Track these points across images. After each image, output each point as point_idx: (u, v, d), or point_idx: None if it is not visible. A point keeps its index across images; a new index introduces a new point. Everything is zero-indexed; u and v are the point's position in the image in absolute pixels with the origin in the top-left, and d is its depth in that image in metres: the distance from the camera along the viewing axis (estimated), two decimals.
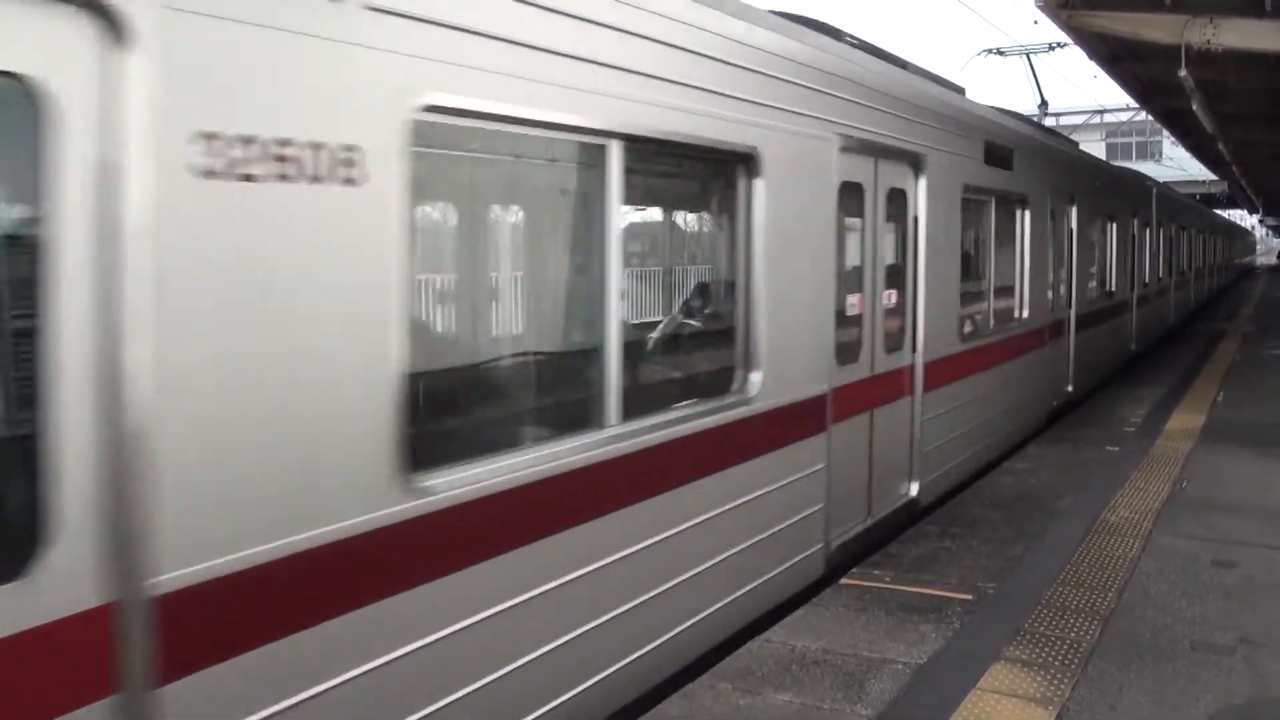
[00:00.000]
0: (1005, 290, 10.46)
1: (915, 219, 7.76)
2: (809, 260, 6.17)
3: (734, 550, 5.48)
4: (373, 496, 3.36)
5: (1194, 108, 17.28)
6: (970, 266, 9.50)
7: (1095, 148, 25.17)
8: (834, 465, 6.49)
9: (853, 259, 6.98)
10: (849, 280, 6.86)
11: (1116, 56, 17.29)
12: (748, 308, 5.63)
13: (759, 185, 5.56)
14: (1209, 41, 13.10)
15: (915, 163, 7.55)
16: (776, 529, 5.88)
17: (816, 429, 6.30)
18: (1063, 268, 12.35)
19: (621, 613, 4.61)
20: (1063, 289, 12.48)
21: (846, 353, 6.74)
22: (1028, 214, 10.71)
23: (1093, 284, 14.62)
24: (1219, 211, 52.14)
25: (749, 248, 5.60)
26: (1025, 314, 10.86)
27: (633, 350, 5.02)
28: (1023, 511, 8.03)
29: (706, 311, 6.67)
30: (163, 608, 2.81)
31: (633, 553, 4.64)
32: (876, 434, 7.20)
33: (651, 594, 4.81)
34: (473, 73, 3.69)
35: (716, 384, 5.65)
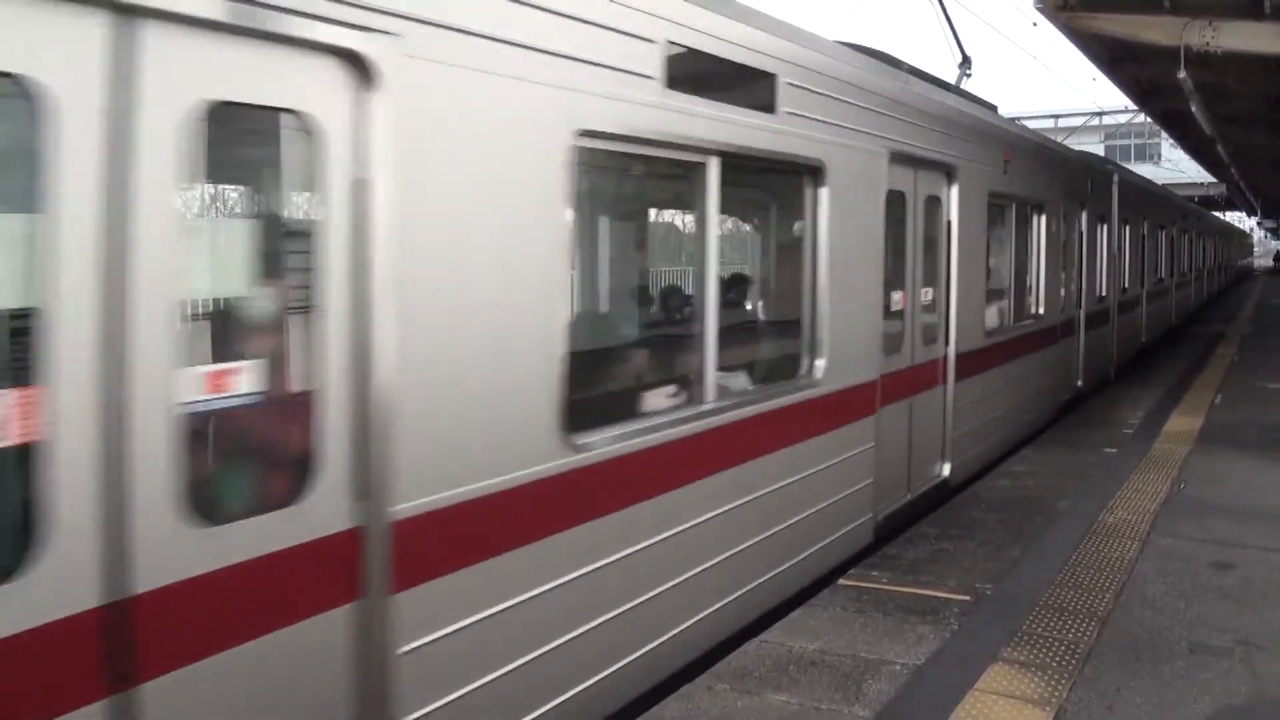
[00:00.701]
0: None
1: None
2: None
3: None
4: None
5: (1193, 110, 17.29)
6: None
7: (1094, 150, 24.86)
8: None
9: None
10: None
11: (1115, 58, 17.29)
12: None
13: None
14: (1208, 43, 13.11)
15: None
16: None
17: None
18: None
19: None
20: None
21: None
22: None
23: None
24: (1217, 214, 52.21)
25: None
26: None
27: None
28: (1021, 513, 8.03)
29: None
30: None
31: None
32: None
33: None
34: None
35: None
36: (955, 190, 8.46)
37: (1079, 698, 4.81)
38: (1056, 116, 49.17)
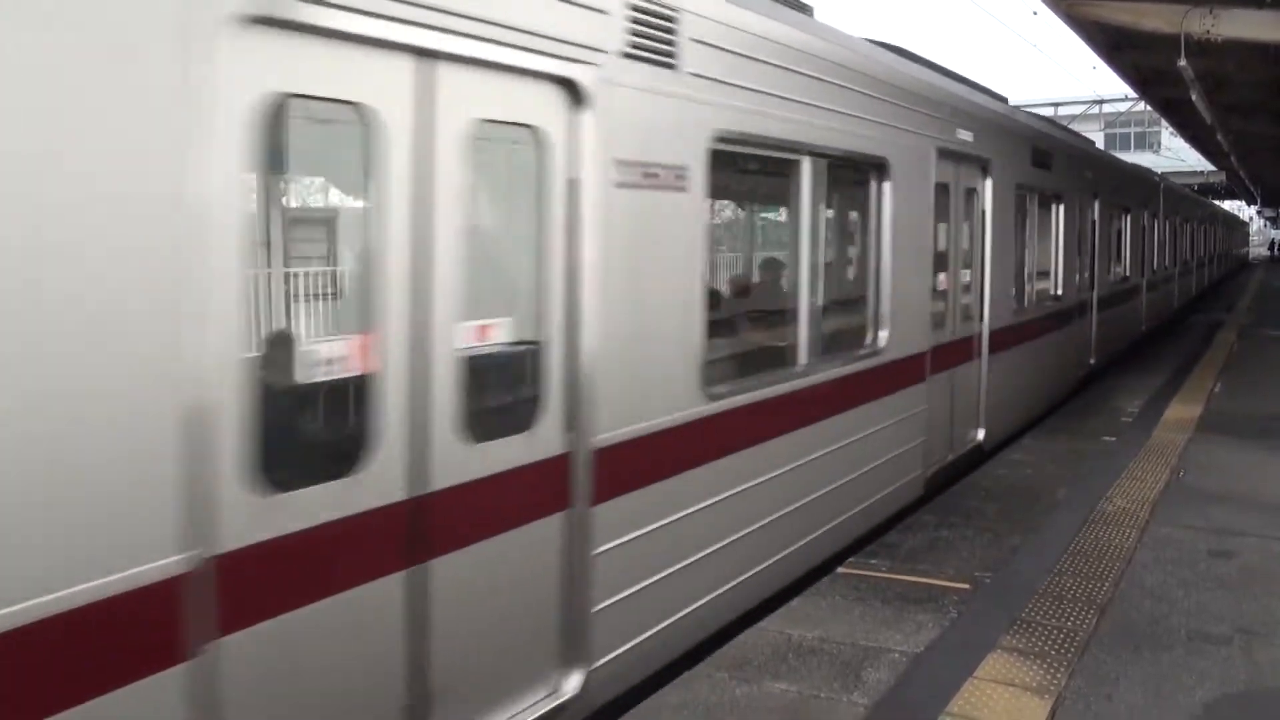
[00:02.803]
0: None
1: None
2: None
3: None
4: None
5: (1193, 98, 17.27)
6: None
7: (1093, 138, 24.68)
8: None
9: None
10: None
11: (1116, 46, 17.26)
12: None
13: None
14: (1208, 31, 13.08)
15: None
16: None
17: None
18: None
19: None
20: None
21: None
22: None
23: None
24: (1216, 203, 52.08)
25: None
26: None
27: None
28: (1020, 502, 8.04)
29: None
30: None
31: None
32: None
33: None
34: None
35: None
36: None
37: (1078, 686, 4.81)
38: (1056, 105, 49.06)
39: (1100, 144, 25.41)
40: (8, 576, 2.48)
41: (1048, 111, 42.36)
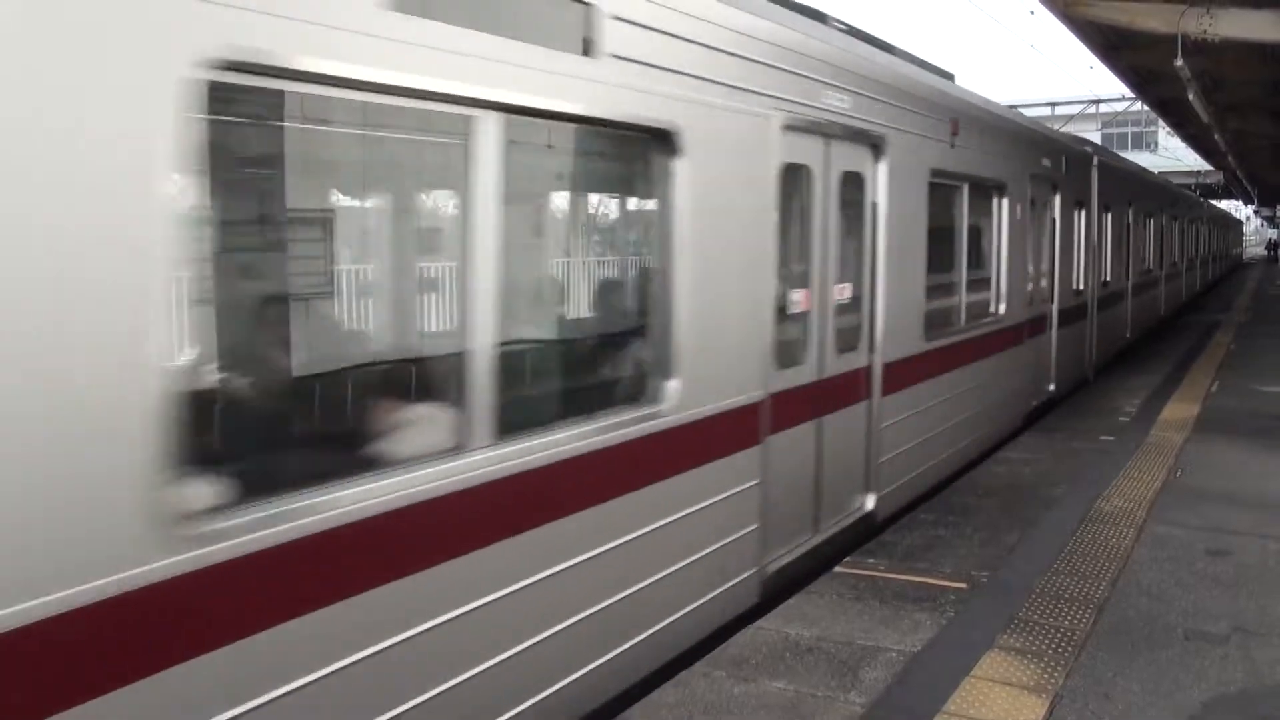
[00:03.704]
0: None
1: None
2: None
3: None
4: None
5: (1190, 98, 17.29)
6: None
7: (1090, 137, 24.49)
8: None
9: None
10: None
11: (1112, 46, 17.29)
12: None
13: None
14: (1205, 31, 13.10)
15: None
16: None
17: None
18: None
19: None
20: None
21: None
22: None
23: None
24: (1213, 202, 51.94)
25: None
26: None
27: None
28: (1017, 501, 8.04)
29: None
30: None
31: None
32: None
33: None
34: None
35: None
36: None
37: (1075, 685, 4.81)
38: (1054, 104, 49.09)
39: (1097, 142, 25.12)
40: None
41: (1045, 111, 42.40)
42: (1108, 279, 16.24)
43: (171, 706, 2.89)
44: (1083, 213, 14.11)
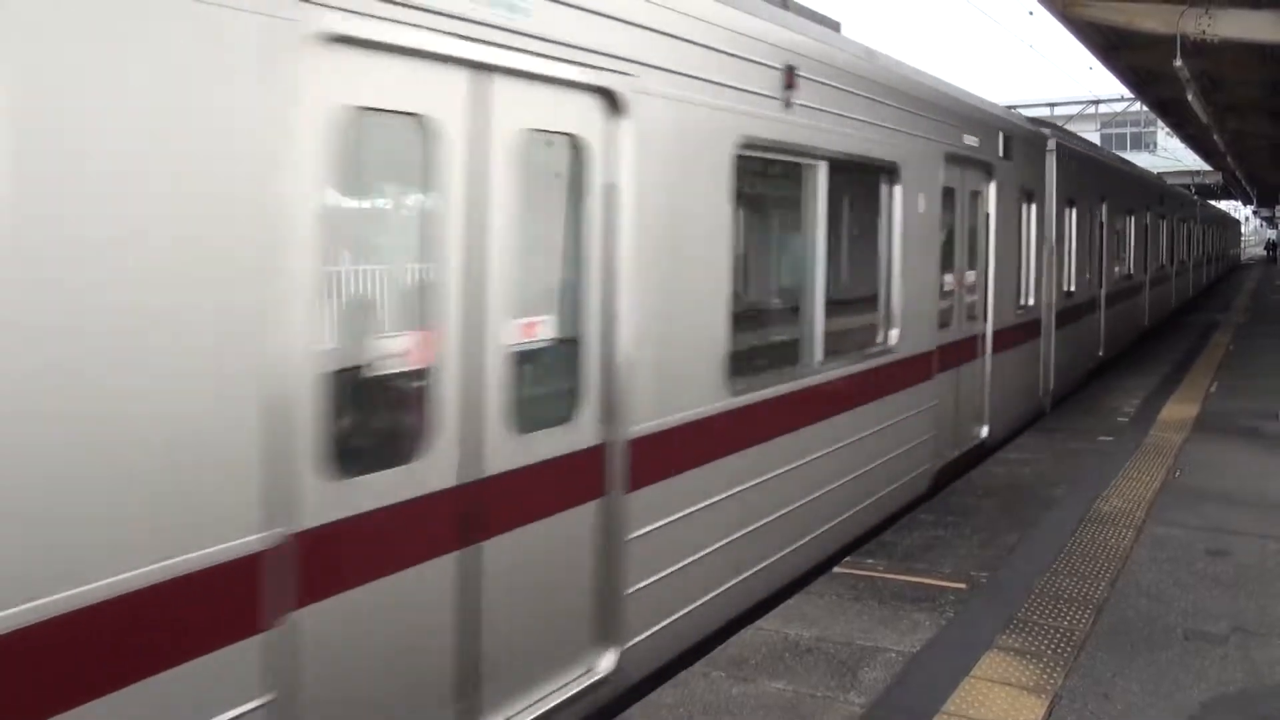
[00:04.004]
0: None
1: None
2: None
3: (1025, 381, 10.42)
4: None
5: (1189, 98, 17.29)
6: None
7: (1090, 138, 24.30)
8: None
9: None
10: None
11: (1112, 46, 17.29)
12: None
13: (898, 194, 7.62)
14: (1204, 31, 13.10)
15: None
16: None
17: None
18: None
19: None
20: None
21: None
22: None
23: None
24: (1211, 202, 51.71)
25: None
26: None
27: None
28: (1016, 501, 8.04)
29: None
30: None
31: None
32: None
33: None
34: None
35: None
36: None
37: (1074, 685, 4.81)
38: (1053, 105, 49.12)
39: (1096, 143, 24.84)
40: None
41: (1044, 112, 42.40)
42: (1072, 288, 13.58)
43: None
44: (1033, 208, 11.39)
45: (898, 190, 7.58)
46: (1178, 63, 14.09)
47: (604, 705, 4.64)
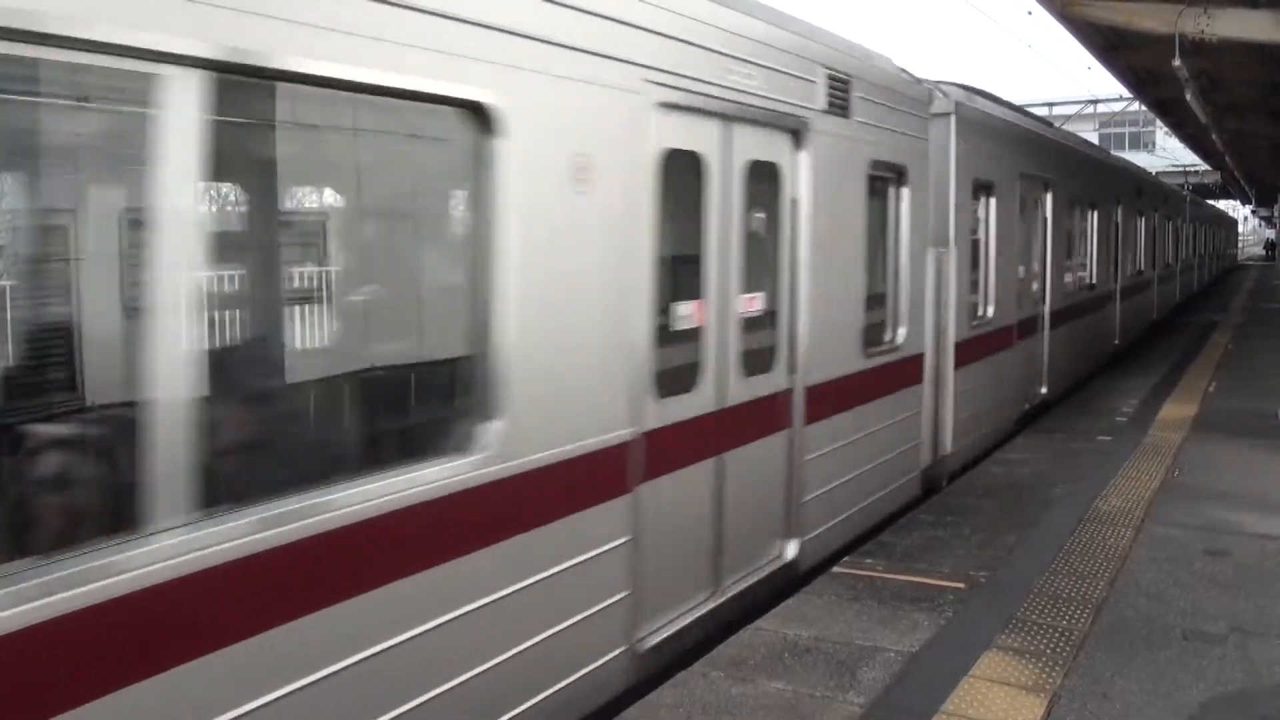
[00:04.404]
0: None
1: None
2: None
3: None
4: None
5: (1188, 98, 17.29)
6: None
7: (1089, 138, 24.11)
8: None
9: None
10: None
11: (1110, 46, 17.28)
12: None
13: (903, 197, 7.93)
14: (1203, 31, 13.09)
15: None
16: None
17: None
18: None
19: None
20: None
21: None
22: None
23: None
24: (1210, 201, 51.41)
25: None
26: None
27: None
28: (1015, 501, 8.04)
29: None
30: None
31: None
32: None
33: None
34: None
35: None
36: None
37: (1073, 685, 4.81)
38: (1051, 104, 49.11)
39: (1094, 143, 24.63)
40: None
41: (1043, 111, 42.41)
42: (987, 311, 10.07)
43: None
44: (904, 194, 7.87)
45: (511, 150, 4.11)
46: (1176, 62, 14.08)
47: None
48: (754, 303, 5.82)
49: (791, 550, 6.27)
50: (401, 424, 5.06)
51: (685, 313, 5.33)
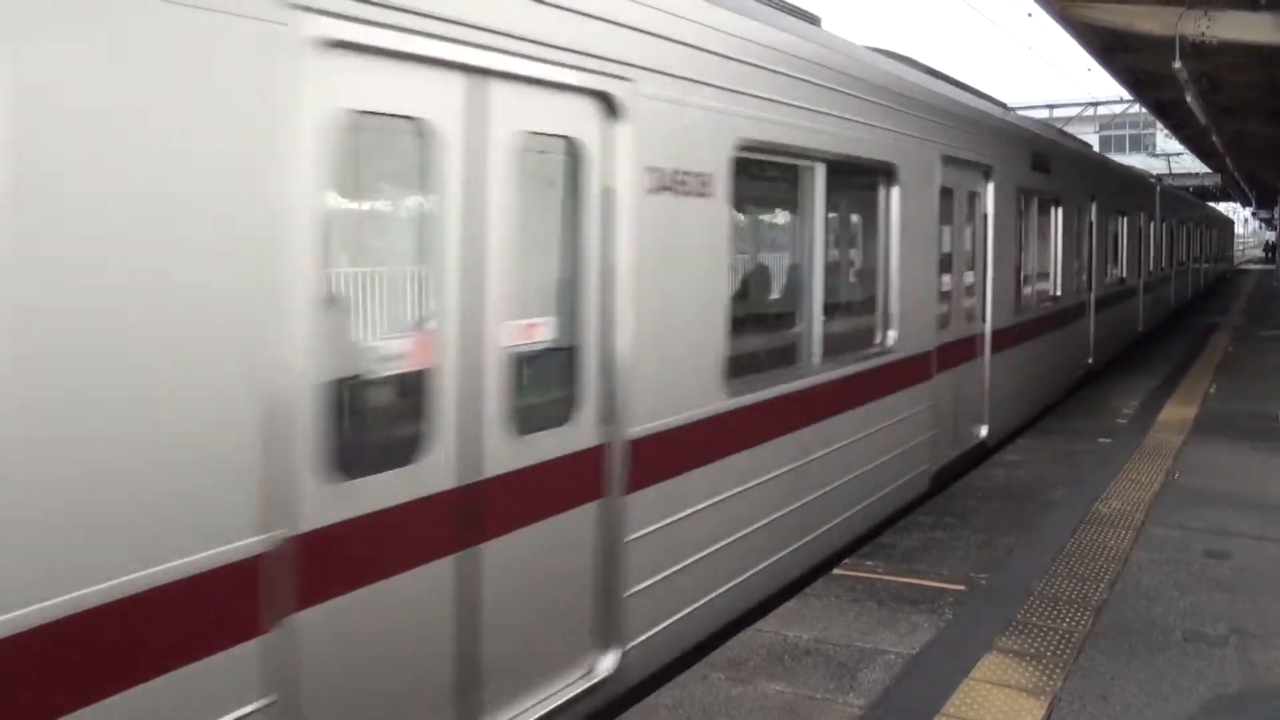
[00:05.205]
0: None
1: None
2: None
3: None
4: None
5: (1188, 100, 17.30)
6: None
7: (1089, 140, 24.07)
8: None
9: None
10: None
11: (1110, 48, 17.29)
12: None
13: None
14: (1203, 33, 13.10)
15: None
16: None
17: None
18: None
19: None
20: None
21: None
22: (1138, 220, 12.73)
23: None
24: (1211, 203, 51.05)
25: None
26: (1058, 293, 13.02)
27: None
28: (1015, 503, 8.03)
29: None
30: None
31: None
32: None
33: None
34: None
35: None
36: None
37: (1073, 687, 4.81)
38: (1052, 106, 49.17)
39: (1095, 146, 24.46)
40: None
41: (1043, 114, 42.44)
42: (886, 339, 7.66)
43: None
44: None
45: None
46: (1177, 64, 14.09)
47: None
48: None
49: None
50: None
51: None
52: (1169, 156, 45.88)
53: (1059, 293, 13.02)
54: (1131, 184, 20.07)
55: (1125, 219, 18.44)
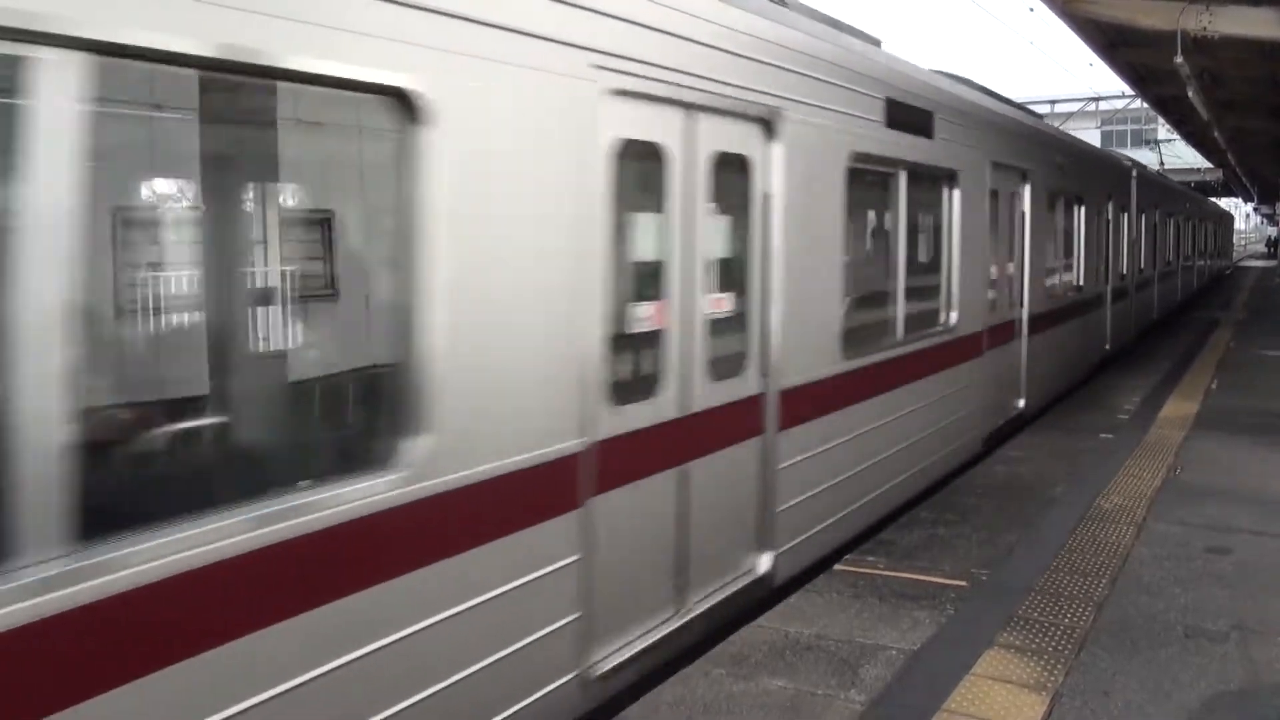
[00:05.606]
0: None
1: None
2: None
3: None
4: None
5: (1190, 95, 17.27)
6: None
7: (1090, 135, 24.08)
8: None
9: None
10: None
11: (1112, 43, 17.27)
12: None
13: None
14: (1205, 28, 13.08)
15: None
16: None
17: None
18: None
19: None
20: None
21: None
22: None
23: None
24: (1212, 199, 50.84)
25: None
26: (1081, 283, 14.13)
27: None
28: (1016, 499, 8.04)
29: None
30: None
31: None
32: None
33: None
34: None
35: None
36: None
37: (1075, 683, 4.81)
38: (1054, 102, 49.11)
39: (1097, 141, 24.42)
40: None
41: (1044, 109, 42.41)
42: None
43: None
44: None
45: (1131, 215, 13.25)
46: (1178, 59, 14.08)
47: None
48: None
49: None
50: None
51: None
52: (1161, 144, 45.64)
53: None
54: (1119, 173, 18.09)
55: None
